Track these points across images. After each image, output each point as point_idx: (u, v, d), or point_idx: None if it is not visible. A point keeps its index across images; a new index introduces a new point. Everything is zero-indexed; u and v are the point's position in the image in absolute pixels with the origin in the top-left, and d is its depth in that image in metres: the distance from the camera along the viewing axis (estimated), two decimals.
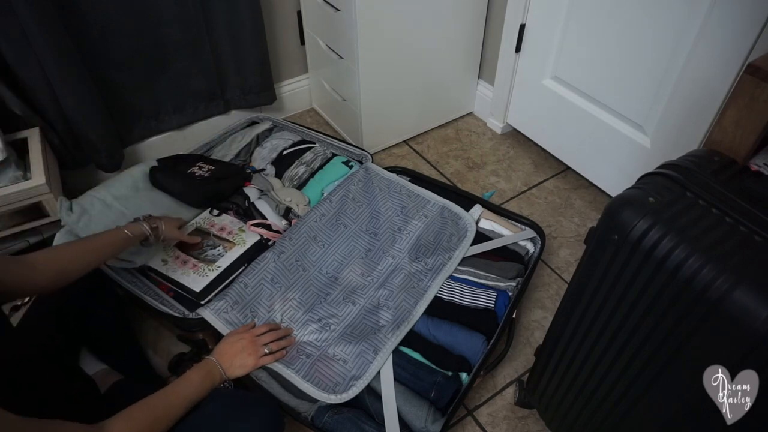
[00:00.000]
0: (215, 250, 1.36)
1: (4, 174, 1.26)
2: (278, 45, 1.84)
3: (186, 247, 1.36)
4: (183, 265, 1.32)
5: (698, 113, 1.27)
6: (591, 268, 0.79)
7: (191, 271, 1.31)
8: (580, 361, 0.90)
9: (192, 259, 1.33)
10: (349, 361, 1.14)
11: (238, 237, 1.39)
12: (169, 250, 1.35)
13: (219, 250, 1.36)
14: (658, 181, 0.73)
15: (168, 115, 1.72)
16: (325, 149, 1.64)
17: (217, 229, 1.41)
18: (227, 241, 1.37)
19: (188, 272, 1.31)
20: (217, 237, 1.39)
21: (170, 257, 1.34)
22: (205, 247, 1.37)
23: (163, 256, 1.34)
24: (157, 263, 1.32)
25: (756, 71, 0.70)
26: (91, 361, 1.16)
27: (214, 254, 1.35)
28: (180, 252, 1.35)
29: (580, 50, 1.50)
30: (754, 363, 0.61)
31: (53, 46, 1.30)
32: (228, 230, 1.40)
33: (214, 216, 1.45)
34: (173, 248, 1.36)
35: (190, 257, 1.34)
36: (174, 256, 1.34)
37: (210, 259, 1.34)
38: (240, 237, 1.39)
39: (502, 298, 1.26)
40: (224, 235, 1.39)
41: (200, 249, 1.36)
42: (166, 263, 1.32)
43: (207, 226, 1.42)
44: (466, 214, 1.44)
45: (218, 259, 1.34)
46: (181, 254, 1.35)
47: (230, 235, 1.39)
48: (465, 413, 1.23)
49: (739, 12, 1.10)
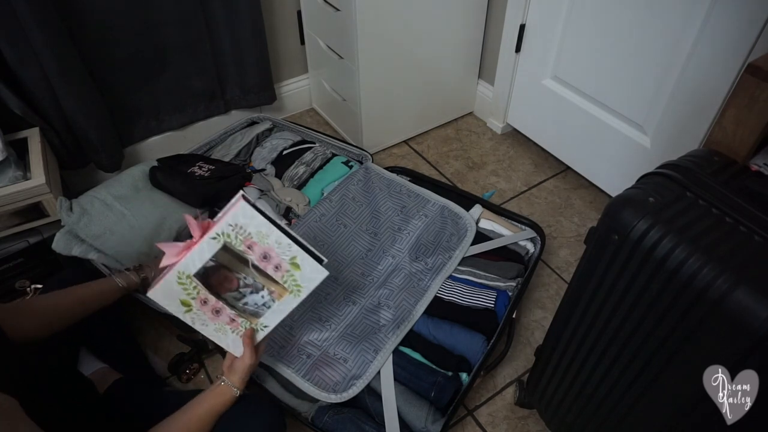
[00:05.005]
0: (258, 296, 0.96)
1: (4, 174, 1.26)
2: (278, 45, 1.84)
3: (214, 283, 0.95)
4: (215, 316, 0.96)
5: (698, 113, 1.27)
6: (591, 268, 0.79)
7: (229, 329, 0.97)
8: (580, 361, 0.90)
9: (227, 309, 0.96)
10: (349, 360, 1.14)
11: (290, 278, 0.95)
12: (190, 286, 0.93)
13: (263, 297, 0.96)
14: (658, 181, 0.73)
15: (168, 115, 1.72)
16: (325, 149, 1.64)
17: (258, 257, 0.93)
18: (275, 282, 0.95)
19: (225, 329, 0.97)
20: (258, 271, 0.94)
21: (194, 299, 0.95)
22: (242, 288, 0.96)
23: (182, 296, 0.94)
24: (177, 308, 0.95)
25: (756, 71, 0.70)
26: (91, 360, 1.16)
27: (256, 303, 0.97)
28: (208, 293, 0.94)
29: (580, 50, 1.50)
30: (754, 363, 0.61)
31: (53, 46, 1.30)
32: (275, 262, 0.94)
33: (248, 223, 0.90)
34: (196, 284, 0.93)
35: (225, 305, 0.96)
36: (200, 299, 0.95)
37: (252, 312, 0.97)
38: (293, 278, 0.95)
39: (502, 298, 1.26)
40: (270, 270, 0.94)
41: (235, 289, 0.96)
42: (189, 309, 0.95)
43: (242, 247, 0.92)
44: (466, 213, 1.44)
45: (264, 312, 0.97)
46: (210, 298, 0.95)
47: (278, 272, 0.94)
48: (465, 413, 1.23)
49: (739, 12, 1.10)
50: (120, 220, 1.32)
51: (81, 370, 1.14)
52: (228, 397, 0.93)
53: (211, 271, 0.93)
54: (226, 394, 0.93)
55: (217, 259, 0.93)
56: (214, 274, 0.94)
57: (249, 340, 0.97)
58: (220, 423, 0.91)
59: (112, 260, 1.29)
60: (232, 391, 0.93)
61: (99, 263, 1.29)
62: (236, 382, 0.94)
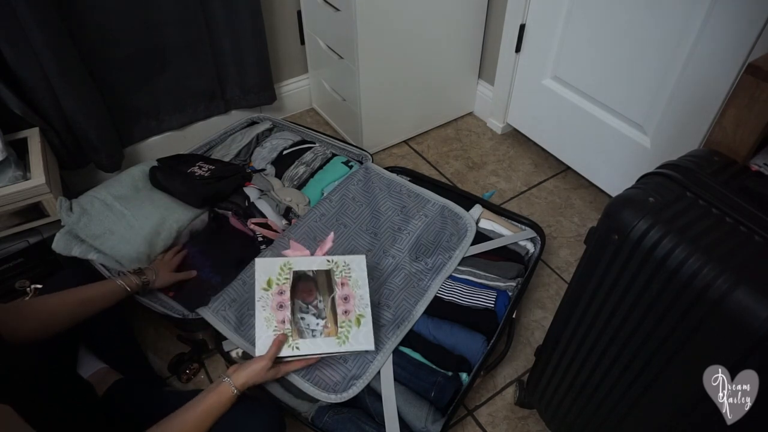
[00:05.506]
0: (315, 321, 1.10)
1: (4, 174, 1.26)
2: (278, 45, 1.84)
3: (299, 288, 1.13)
4: (276, 308, 1.09)
5: (698, 113, 1.27)
6: (591, 268, 0.79)
7: (274, 325, 1.07)
8: (580, 361, 0.90)
9: (288, 311, 1.09)
10: (349, 360, 1.14)
11: (347, 327, 1.09)
12: (284, 274, 1.13)
13: (318, 325, 1.09)
14: (658, 181, 0.73)
15: (168, 115, 1.72)
16: (325, 149, 1.64)
17: (341, 295, 1.13)
18: (334, 322, 1.10)
19: (271, 323, 1.07)
20: (332, 305, 1.12)
21: (278, 285, 1.12)
22: (311, 306, 1.11)
23: (273, 276, 1.12)
24: (261, 281, 1.12)
25: (756, 71, 0.70)
26: (91, 360, 1.16)
27: (309, 325, 1.09)
28: (288, 289, 1.12)
29: (580, 50, 1.50)
30: (754, 363, 0.61)
31: (53, 46, 1.30)
32: (348, 308, 1.11)
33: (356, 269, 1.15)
34: (288, 277, 1.13)
35: (290, 306, 1.10)
36: (281, 288, 1.12)
37: (300, 329, 1.08)
38: (348, 329, 1.09)
39: (502, 298, 1.26)
40: (339, 310, 1.11)
41: (307, 303, 1.12)
42: (267, 289, 1.11)
43: (338, 279, 1.15)
44: (466, 213, 1.44)
45: (307, 336, 1.07)
46: (287, 293, 1.11)
47: (343, 317, 1.10)
48: (465, 413, 1.23)
49: (739, 12, 1.10)
50: (120, 220, 1.32)
51: (81, 370, 1.14)
52: (225, 397, 0.92)
53: (304, 279, 1.15)
54: (223, 393, 0.93)
55: (316, 275, 1.16)
56: (304, 282, 1.15)
57: (278, 342, 1.04)
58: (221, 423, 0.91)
59: (112, 260, 1.29)
60: (230, 390, 0.93)
61: (99, 263, 1.29)
62: (238, 381, 0.94)
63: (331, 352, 1.08)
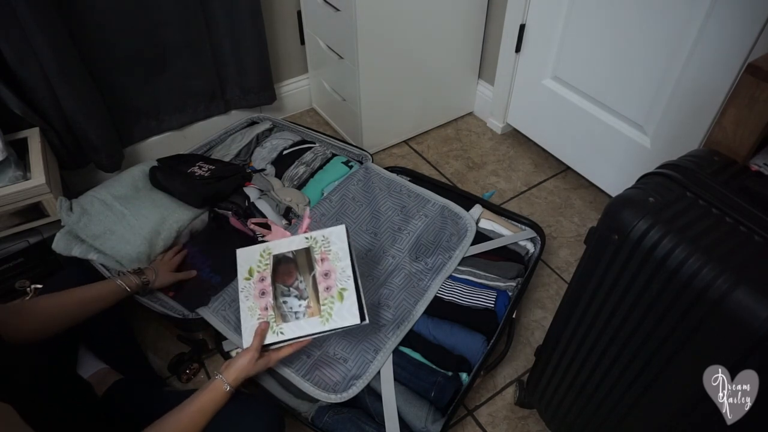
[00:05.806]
0: (297, 303, 1.05)
1: (4, 174, 1.26)
2: (278, 45, 1.84)
3: (279, 271, 1.09)
4: (259, 296, 1.06)
5: (698, 113, 1.27)
6: (591, 268, 0.79)
7: (257, 314, 1.05)
8: (580, 361, 0.90)
9: (270, 296, 1.06)
10: (349, 360, 1.14)
11: (329, 304, 1.04)
12: (264, 261, 1.09)
13: (300, 306, 1.05)
14: (658, 181, 0.73)
15: (168, 115, 1.72)
16: (325, 149, 1.64)
17: (321, 271, 1.07)
18: (317, 300, 1.05)
19: (254, 312, 1.05)
20: (313, 284, 1.06)
21: (258, 272, 1.08)
22: (293, 288, 1.07)
23: (254, 264, 1.09)
24: (243, 271, 1.09)
25: (756, 71, 0.70)
26: (91, 360, 1.16)
27: (291, 308, 1.05)
28: (269, 275, 1.08)
29: (580, 50, 1.50)
30: (754, 363, 0.61)
31: (53, 46, 1.30)
32: (329, 284, 1.05)
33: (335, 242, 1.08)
34: (269, 263, 1.09)
35: (271, 291, 1.06)
36: (262, 275, 1.08)
37: (283, 313, 1.04)
38: (331, 306, 1.03)
39: (502, 298, 1.26)
40: (321, 288, 1.06)
41: (288, 285, 1.07)
42: (249, 278, 1.08)
43: (317, 256, 1.08)
44: (466, 213, 1.44)
45: (290, 320, 1.03)
46: (268, 279, 1.07)
47: (325, 294, 1.05)
48: (465, 413, 1.23)
49: (739, 12, 1.10)
50: (120, 220, 1.32)
51: (81, 370, 1.14)
52: (218, 393, 0.92)
53: (284, 261, 1.10)
54: (216, 389, 0.93)
55: (296, 255, 1.09)
56: (284, 264, 1.09)
57: (260, 332, 1.01)
58: (220, 423, 0.91)
59: (112, 260, 1.29)
60: (222, 386, 0.93)
61: (99, 263, 1.29)
62: (229, 378, 0.94)
63: (316, 332, 1.02)
